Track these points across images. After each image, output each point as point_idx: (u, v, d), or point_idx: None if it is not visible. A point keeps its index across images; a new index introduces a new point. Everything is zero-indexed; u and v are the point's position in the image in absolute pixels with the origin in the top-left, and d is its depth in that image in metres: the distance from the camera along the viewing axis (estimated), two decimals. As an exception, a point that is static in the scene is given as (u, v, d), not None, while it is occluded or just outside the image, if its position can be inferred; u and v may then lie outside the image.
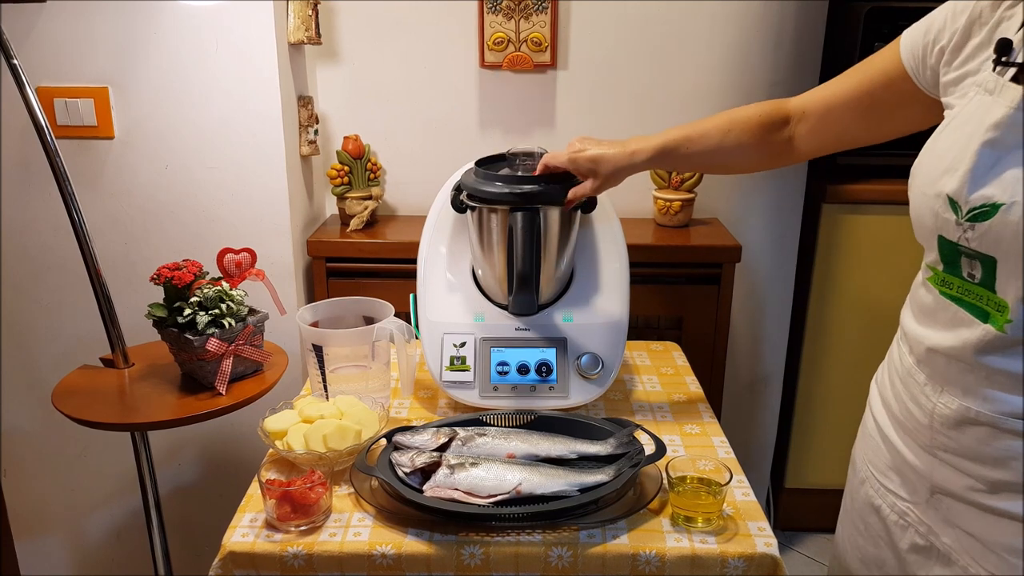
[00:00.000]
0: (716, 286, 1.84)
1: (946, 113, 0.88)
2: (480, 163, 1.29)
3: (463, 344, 1.28)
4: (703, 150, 1.14)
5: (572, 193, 1.18)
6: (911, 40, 0.95)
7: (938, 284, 0.87)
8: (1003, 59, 0.80)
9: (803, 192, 2.04)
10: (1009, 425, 0.81)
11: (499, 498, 0.99)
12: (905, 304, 0.98)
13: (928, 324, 0.90)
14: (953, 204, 0.81)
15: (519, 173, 1.25)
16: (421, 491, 1.01)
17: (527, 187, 1.19)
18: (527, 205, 1.18)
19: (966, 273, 0.82)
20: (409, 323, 1.28)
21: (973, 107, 0.82)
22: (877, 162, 1.97)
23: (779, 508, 2.30)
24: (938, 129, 0.88)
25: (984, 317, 0.81)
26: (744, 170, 1.20)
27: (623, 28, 1.89)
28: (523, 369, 1.27)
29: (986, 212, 0.77)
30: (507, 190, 1.19)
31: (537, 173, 1.20)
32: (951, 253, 0.83)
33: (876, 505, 1.00)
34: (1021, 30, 0.81)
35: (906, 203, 0.90)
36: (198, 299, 1.33)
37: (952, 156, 0.82)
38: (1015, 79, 0.79)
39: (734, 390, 2.16)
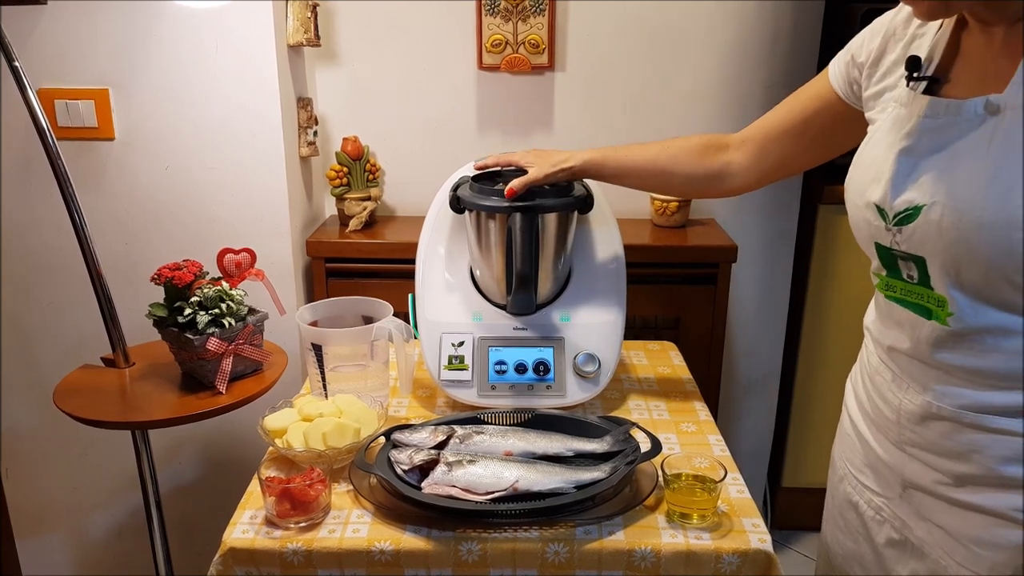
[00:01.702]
0: (713, 286, 1.85)
1: (869, 128, 0.94)
2: (475, 179, 1.30)
3: (461, 343, 1.29)
4: (640, 158, 1.21)
5: (517, 183, 1.19)
6: (837, 63, 1.01)
7: (884, 289, 0.91)
8: (914, 75, 0.86)
9: (799, 192, 2.06)
10: (970, 419, 0.83)
11: (496, 495, 1.00)
12: (869, 306, 1.01)
13: (884, 326, 0.93)
14: (881, 211, 0.85)
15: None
16: (419, 488, 1.01)
17: (525, 201, 1.21)
18: (529, 212, 1.20)
19: (906, 275, 0.86)
20: (408, 322, 1.29)
21: (891, 120, 0.88)
22: (873, 163, 1.98)
23: (776, 507, 2.31)
24: (862, 144, 0.93)
25: (928, 314, 0.84)
26: (683, 189, 1.32)
27: (620, 30, 1.90)
28: (521, 368, 1.28)
29: (909, 215, 0.81)
30: (505, 204, 1.21)
31: (511, 193, 1.20)
32: (888, 258, 0.87)
33: (854, 501, 1.02)
34: (930, 46, 0.86)
35: None
36: (198, 299, 1.34)
37: (876, 167, 0.87)
38: (926, 91, 0.84)
39: (731, 390, 2.17)
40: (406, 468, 1.04)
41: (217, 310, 1.34)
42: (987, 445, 0.82)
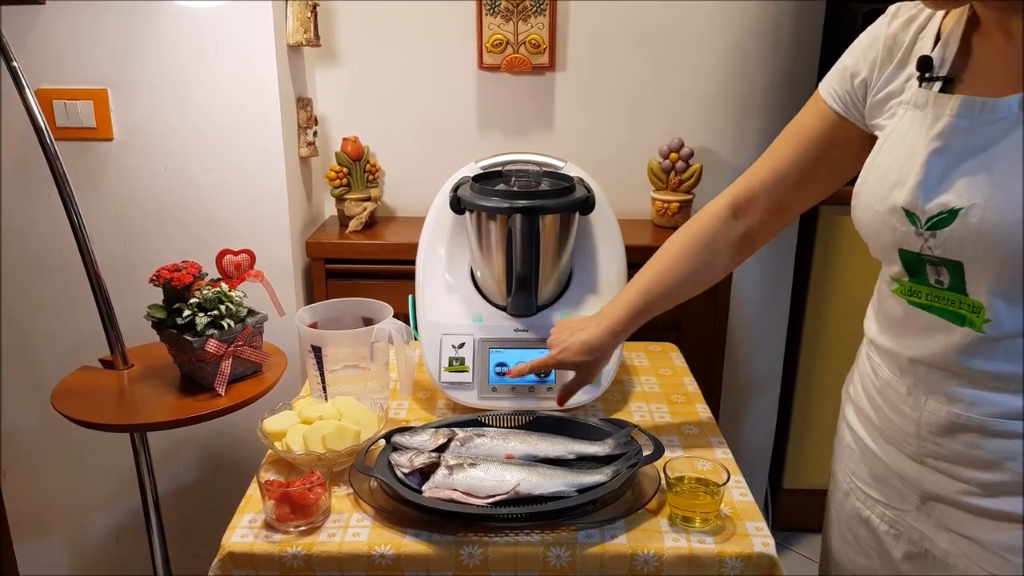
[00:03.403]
0: (714, 287, 1.83)
1: (878, 134, 0.91)
2: (476, 179, 1.30)
3: (462, 345, 1.29)
4: (668, 290, 1.14)
5: (566, 390, 1.18)
6: (831, 85, 0.97)
7: (905, 295, 0.88)
8: (927, 75, 0.84)
9: (801, 193, 2.05)
10: (999, 427, 0.81)
11: (497, 498, 0.99)
12: (868, 317, 0.98)
13: (902, 335, 0.90)
14: (911, 215, 0.82)
15: (515, 188, 1.27)
16: (420, 491, 1.01)
17: (526, 201, 1.20)
18: (529, 213, 1.20)
19: (933, 280, 0.83)
20: (408, 324, 1.28)
21: (907, 123, 0.85)
22: (874, 163, 1.97)
23: (777, 509, 2.30)
24: (874, 150, 0.90)
25: (960, 321, 0.81)
26: (718, 279, 1.21)
27: (621, 30, 1.89)
28: (521, 370, 1.27)
29: (944, 219, 0.79)
30: (507, 204, 1.20)
31: (517, 375, 1.19)
32: (915, 263, 0.84)
33: (864, 516, 1.00)
34: (935, 49, 0.85)
35: None
36: (197, 300, 1.33)
37: (897, 170, 0.84)
38: (943, 91, 0.82)
39: (732, 391, 2.16)
40: (406, 471, 1.03)
41: (216, 311, 1.33)
42: (1018, 451, 0.81)
